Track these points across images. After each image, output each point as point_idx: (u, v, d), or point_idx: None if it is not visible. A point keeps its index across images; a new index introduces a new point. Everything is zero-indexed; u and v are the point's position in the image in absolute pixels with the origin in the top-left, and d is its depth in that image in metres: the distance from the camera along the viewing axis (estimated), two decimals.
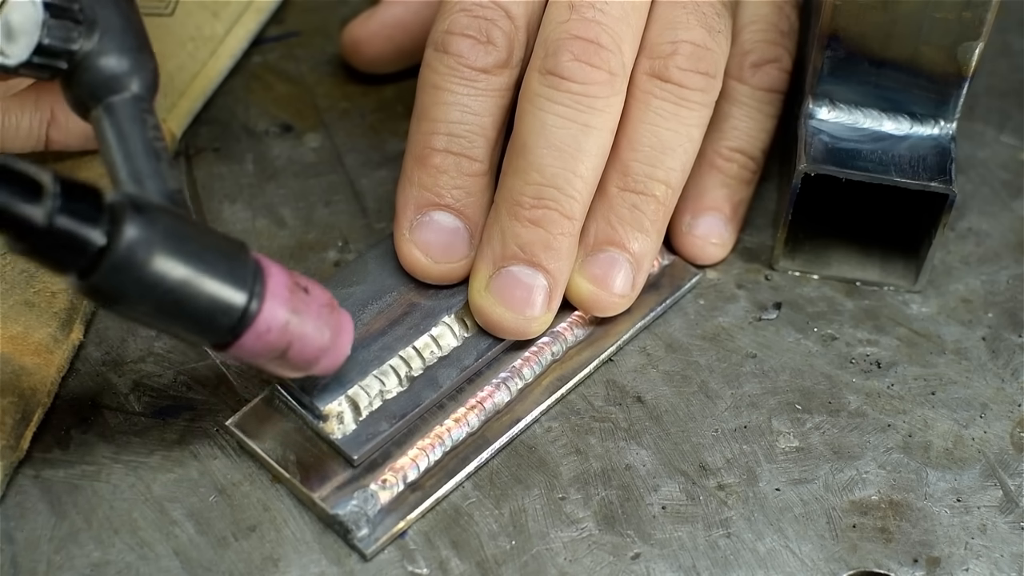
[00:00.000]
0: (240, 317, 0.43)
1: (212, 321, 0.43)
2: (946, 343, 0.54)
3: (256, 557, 0.47)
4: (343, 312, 0.47)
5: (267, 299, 0.44)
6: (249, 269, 0.43)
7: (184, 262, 0.41)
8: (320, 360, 0.46)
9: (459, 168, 0.51)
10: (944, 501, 0.50)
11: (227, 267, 0.43)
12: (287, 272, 0.45)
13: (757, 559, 0.48)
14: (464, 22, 0.51)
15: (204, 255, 0.42)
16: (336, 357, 0.47)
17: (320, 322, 0.45)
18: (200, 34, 0.60)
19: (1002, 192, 0.60)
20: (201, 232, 0.43)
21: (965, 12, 0.50)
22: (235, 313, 0.43)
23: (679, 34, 0.51)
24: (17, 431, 0.48)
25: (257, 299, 0.43)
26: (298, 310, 0.44)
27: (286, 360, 0.45)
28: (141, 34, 0.47)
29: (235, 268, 0.43)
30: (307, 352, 0.45)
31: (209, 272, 0.42)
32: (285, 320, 0.44)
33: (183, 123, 0.58)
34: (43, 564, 0.46)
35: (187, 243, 0.42)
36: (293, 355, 0.45)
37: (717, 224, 0.56)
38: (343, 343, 0.47)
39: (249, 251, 0.44)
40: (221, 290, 0.42)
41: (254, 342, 0.44)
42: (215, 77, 0.60)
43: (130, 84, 0.46)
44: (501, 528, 0.48)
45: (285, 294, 0.44)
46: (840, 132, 0.54)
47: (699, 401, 0.52)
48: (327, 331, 0.46)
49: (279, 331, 0.44)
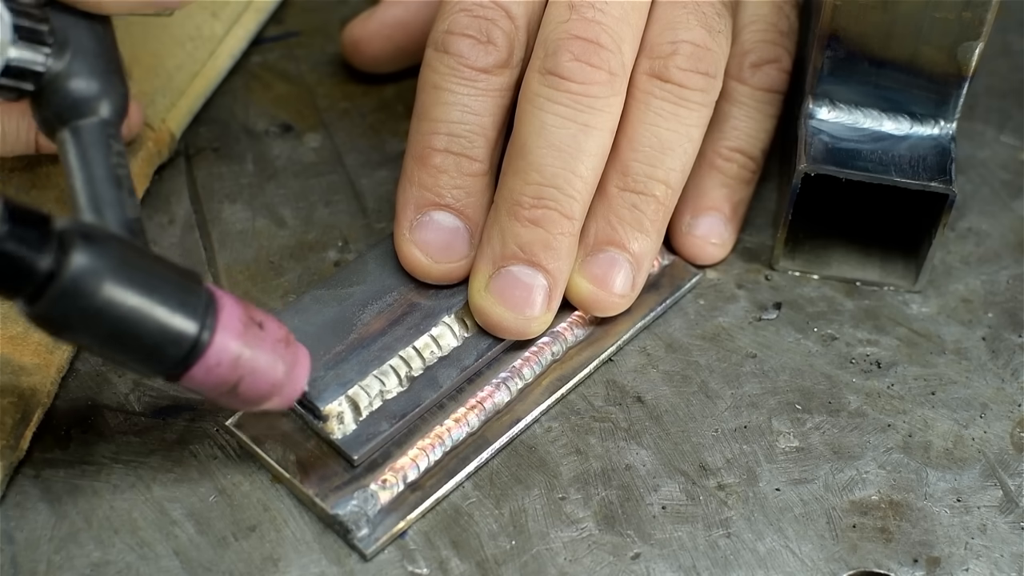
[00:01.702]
0: (190, 349, 0.43)
1: (162, 352, 0.42)
2: (946, 343, 0.54)
3: (256, 557, 0.47)
4: (299, 346, 0.46)
5: (218, 331, 0.43)
6: (202, 300, 0.43)
7: (133, 292, 0.41)
8: (272, 396, 0.45)
9: (459, 168, 0.51)
10: (944, 501, 0.50)
11: (178, 298, 0.42)
12: (242, 305, 0.44)
13: (757, 559, 0.48)
14: (464, 22, 0.51)
15: (155, 286, 0.42)
16: (290, 393, 0.46)
17: (274, 356, 0.44)
18: (199, 34, 0.60)
19: (1002, 192, 0.60)
20: (153, 262, 0.43)
21: (965, 12, 0.50)
22: (185, 344, 0.42)
23: (679, 34, 0.51)
24: (17, 431, 0.48)
25: (208, 331, 0.43)
26: (251, 344, 0.44)
27: (236, 395, 0.44)
28: (113, 58, 0.47)
29: (187, 299, 0.43)
30: (259, 387, 0.44)
31: (159, 303, 0.42)
32: (236, 354, 0.43)
33: (182, 123, 0.58)
34: (43, 564, 0.46)
35: (137, 273, 0.41)
36: (244, 389, 0.44)
37: (717, 224, 0.56)
38: (298, 378, 0.46)
39: (202, 282, 0.44)
40: (171, 320, 0.42)
41: (204, 375, 0.43)
42: (214, 77, 0.60)
43: (98, 108, 0.46)
44: (501, 528, 0.48)
45: (238, 327, 0.44)
46: (840, 132, 0.54)
47: (699, 401, 0.52)
48: (281, 366, 0.45)
49: (230, 364, 0.43)
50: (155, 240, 0.55)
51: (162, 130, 0.57)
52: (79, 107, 0.45)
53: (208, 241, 0.56)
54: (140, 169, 0.56)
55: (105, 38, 0.47)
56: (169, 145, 0.57)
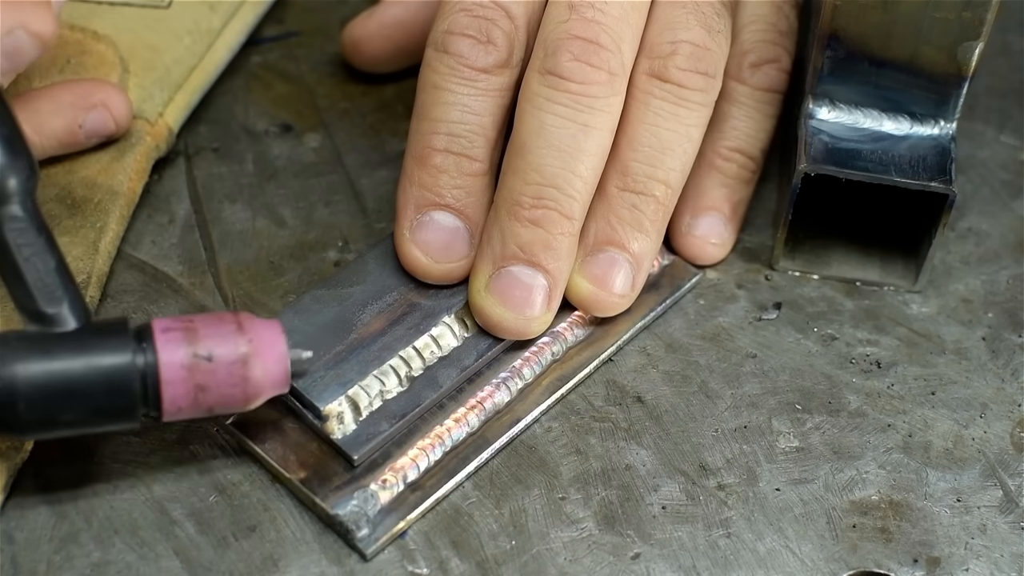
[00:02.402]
0: (142, 381, 0.44)
1: (121, 399, 0.44)
2: (946, 343, 0.54)
3: (256, 557, 0.47)
4: (259, 323, 0.46)
5: (159, 348, 0.44)
6: (129, 337, 0.44)
7: (61, 377, 0.43)
8: (256, 379, 0.45)
9: (459, 168, 0.51)
10: (944, 501, 0.50)
11: (104, 349, 0.44)
12: (179, 319, 0.45)
13: (757, 559, 0.48)
14: (464, 22, 0.51)
15: (77, 356, 0.43)
16: (275, 371, 0.45)
17: (230, 343, 0.45)
18: (197, 28, 0.60)
19: (1002, 192, 0.60)
20: (70, 339, 0.44)
21: (965, 12, 0.50)
22: (133, 379, 0.44)
23: (679, 34, 0.51)
24: None
25: (146, 352, 0.44)
26: (197, 342, 0.44)
27: (223, 397, 0.45)
28: (10, 139, 0.45)
29: (113, 346, 0.44)
30: (234, 377, 0.45)
31: (88, 365, 0.43)
32: (186, 358, 0.44)
33: (180, 117, 0.58)
34: (43, 564, 0.46)
35: (57, 358, 0.43)
36: (222, 387, 0.45)
37: (717, 224, 0.56)
38: (272, 353, 0.45)
39: (127, 323, 0.45)
40: (106, 366, 0.43)
41: (175, 394, 0.44)
42: (212, 71, 0.60)
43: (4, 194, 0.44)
44: (501, 528, 0.48)
45: (176, 336, 0.44)
46: (840, 132, 0.54)
47: (699, 401, 0.52)
48: (243, 347, 0.45)
49: (187, 370, 0.44)
50: (155, 240, 0.55)
51: (160, 125, 0.57)
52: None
53: (208, 241, 0.56)
54: (138, 164, 0.56)
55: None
56: (167, 140, 0.57)
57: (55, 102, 0.54)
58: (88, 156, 0.55)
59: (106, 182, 0.54)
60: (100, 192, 0.54)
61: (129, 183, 0.55)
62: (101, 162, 0.55)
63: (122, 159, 0.55)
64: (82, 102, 0.54)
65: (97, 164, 0.55)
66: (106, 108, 0.54)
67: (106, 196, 0.54)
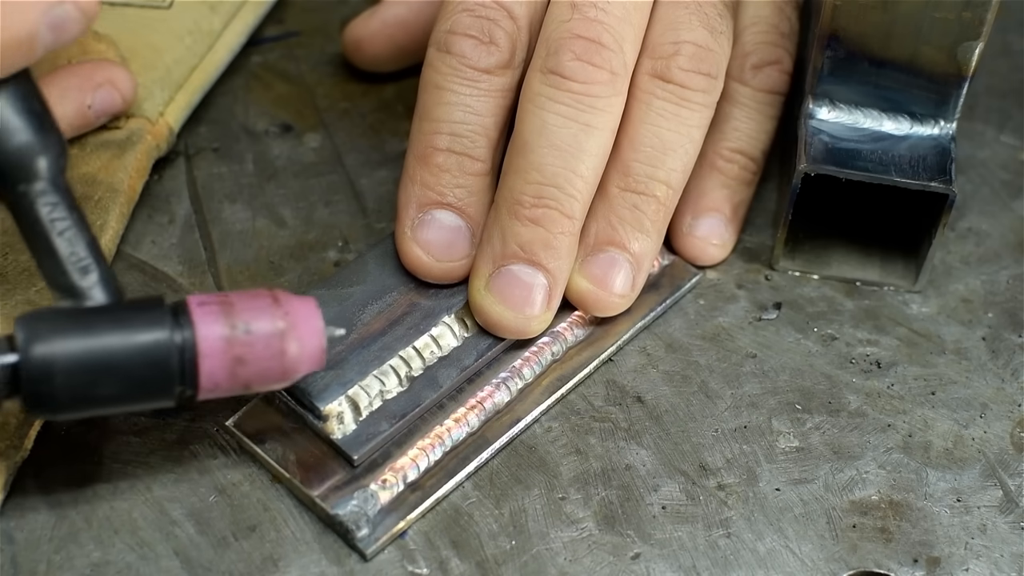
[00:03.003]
0: (180, 357, 0.43)
1: (159, 374, 0.43)
2: (946, 343, 0.54)
3: (256, 557, 0.47)
4: (294, 299, 0.45)
5: (197, 324, 0.44)
6: (166, 313, 0.44)
7: (96, 349, 0.43)
8: (292, 356, 0.45)
9: (461, 167, 0.51)
10: (944, 501, 0.50)
11: (141, 326, 0.43)
12: (213, 295, 0.45)
13: (757, 559, 0.48)
14: (467, 22, 0.51)
15: (114, 332, 0.43)
16: (312, 346, 0.45)
17: (268, 318, 0.44)
18: (198, 28, 0.60)
19: (1002, 192, 0.60)
20: (106, 314, 0.44)
21: (965, 12, 0.50)
22: (172, 355, 0.43)
23: (681, 34, 0.51)
24: (21, 431, 0.47)
25: (185, 329, 0.44)
26: (235, 319, 0.44)
27: (260, 375, 0.45)
28: (41, 116, 0.45)
29: (150, 322, 0.43)
30: (273, 354, 0.44)
31: (125, 339, 0.43)
32: (225, 333, 0.44)
33: (181, 117, 0.58)
34: (43, 564, 0.46)
35: (93, 333, 0.43)
36: (258, 364, 0.44)
37: (718, 225, 0.56)
38: (309, 329, 0.45)
39: (163, 299, 0.44)
40: (144, 342, 0.43)
41: (212, 371, 0.44)
42: (213, 71, 0.60)
43: (36, 171, 0.44)
44: (501, 528, 0.48)
45: (214, 311, 0.44)
46: (840, 132, 0.54)
47: (699, 401, 0.52)
48: (280, 323, 0.44)
49: (225, 346, 0.44)
50: (155, 240, 0.55)
51: (160, 124, 0.57)
52: (16, 174, 0.44)
53: (208, 241, 0.56)
54: (139, 163, 0.56)
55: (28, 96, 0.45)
56: (167, 139, 0.57)
57: (61, 86, 0.54)
58: (89, 154, 0.55)
59: (106, 180, 0.54)
60: (100, 190, 0.54)
61: (129, 181, 0.55)
62: (102, 159, 0.55)
63: (123, 157, 0.55)
64: (87, 83, 0.54)
65: (98, 161, 0.55)
66: (112, 85, 0.55)
67: (106, 194, 0.54)
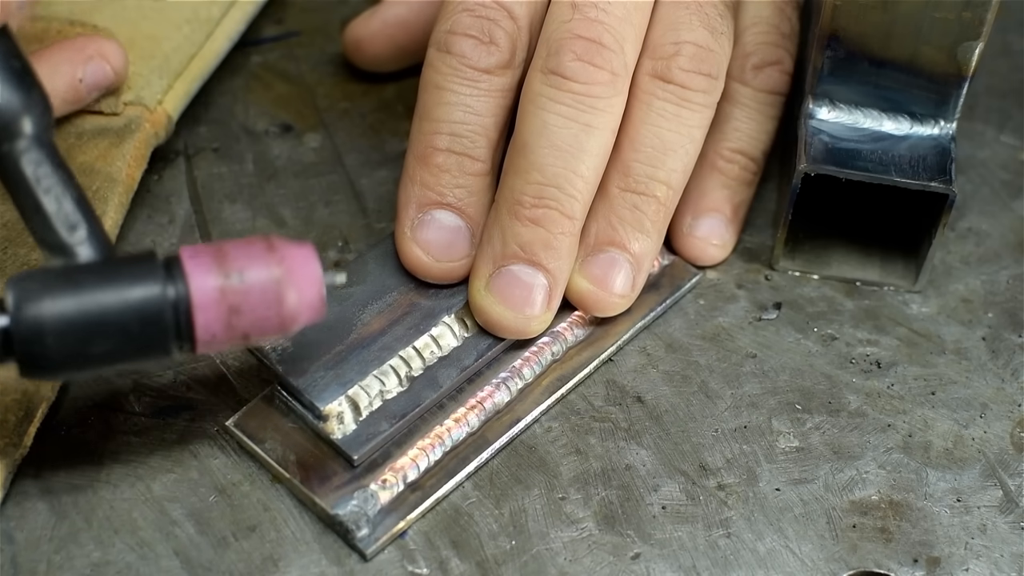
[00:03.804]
0: (174, 309, 0.43)
1: (153, 327, 0.43)
2: (946, 343, 0.54)
3: (256, 557, 0.47)
4: (289, 245, 0.45)
5: (190, 276, 0.43)
6: (158, 267, 0.43)
7: (90, 309, 0.42)
8: (292, 304, 0.44)
9: (461, 167, 0.51)
10: (944, 501, 0.50)
11: (132, 280, 0.43)
12: (206, 244, 0.44)
13: (757, 559, 0.48)
14: (467, 22, 0.51)
15: (106, 288, 0.43)
16: (310, 294, 0.44)
17: (261, 265, 0.44)
18: (196, 16, 0.60)
19: (1002, 192, 0.60)
20: (97, 270, 0.43)
21: (965, 12, 0.50)
22: (166, 308, 0.43)
23: (682, 35, 0.51)
24: (20, 428, 0.47)
25: (177, 282, 0.43)
26: (228, 268, 0.43)
27: (258, 325, 0.44)
28: (22, 73, 0.44)
29: (142, 276, 0.43)
30: (269, 302, 0.44)
31: (117, 294, 0.42)
32: (218, 284, 0.43)
33: (180, 105, 0.58)
34: (43, 564, 0.46)
35: (85, 291, 0.42)
36: (256, 312, 0.43)
37: (718, 225, 0.56)
38: (306, 274, 0.44)
39: (154, 253, 0.44)
40: (136, 297, 0.43)
41: (208, 323, 0.43)
42: (212, 60, 0.60)
43: (20, 129, 0.44)
44: (501, 528, 0.48)
45: (206, 262, 0.43)
46: (840, 132, 0.54)
47: (699, 401, 0.52)
48: (275, 270, 0.44)
49: (219, 297, 0.43)
50: (155, 240, 0.55)
51: (159, 112, 0.57)
52: (3, 130, 0.44)
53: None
54: (137, 151, 0.55)
55: (5, 48, 0.45)
56: (166, 127, 0.57)
57: (51, 62, 0.53)
58: (86, 142, 0.55)
59: (105, 169, 0.54)
60: (99, 179, 0.54)
61: (128, 170, 0.55)
62: (99, 148, 0.55)
63: (121, 145, 0.55)
64: (78, 56, 0.54)
65: (95, 150, 0.55)
66: (102, 58, 0.54)
67: (105, 183, 0.54)
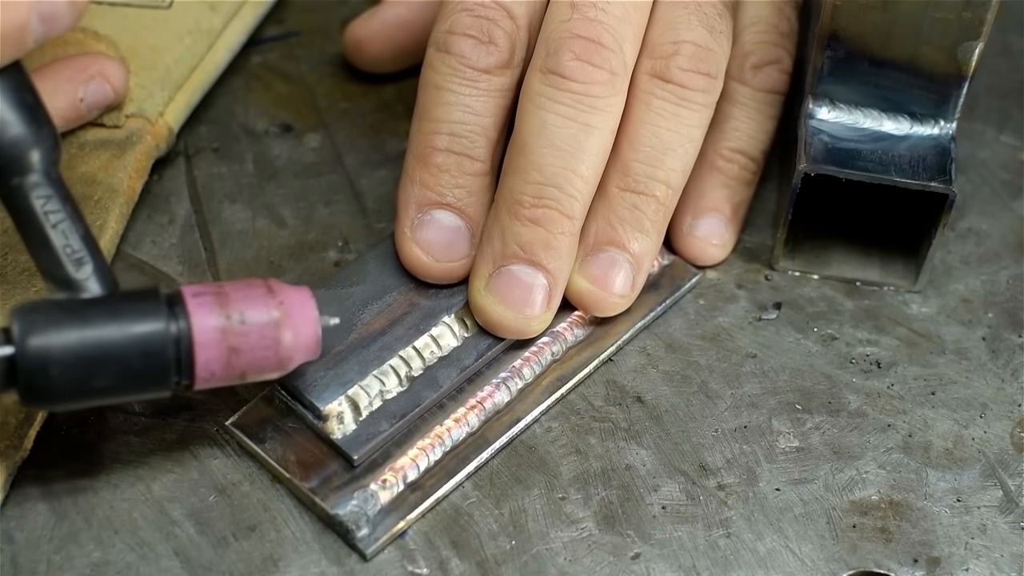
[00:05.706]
0: (176, 346, 0.44)
1: (155, 364, 0.44)
2: (946, 343, 0.54)
3: (256, 557, 0.47)
4: (288, 289, 0.46)
5: (193, 314, 0.44)
6: (162, 304, 0.44)
7: (92, 341, 0.43)
8: (288, 344, 0.45)
9: (461, 167, 0.51)
10: (944, 501, 0.50)
11: (136, 317, 0.44)
12: (208, 285, 0.45)
13: (757, 559, 0.48)
14: (466, 22, 0.51)
15: (110, 323, 0.43)
16: (306, 335, 0.46)
17: (259, 305, 0.45)
18: (198, 28, 0.60)
19: (1002, 192, 0.60)
20: (101, 305, 0.44)
21: (965, 12, 0.50)
22: (168, 345, 0.44)
23: (681, 34, 0.51)
24: (21, 431, 0.47)
25: (180, 319, 0.44)
26: (229, 307, 0.44)
27: (254, 364, 0.45)
28: (33, 108, 0.45)
29: (146, 312, 0.44)
30: (267, 343, 0.45)
31: (121, 330, 0.43)
32: (220, 323, 0.44)
33: (180, 117, 0.58)
34: (43, 564, 0.46)
35: (89, 325, 0.43)
36: (253, 352, 0.45)
37: (718, 225, 0.56)
38: (303, 318, 0.46)
39: (158, 289, 0.45)
40: (143, 337, 0.43)
41: (208, 360, 0.44)
42: (213, 71, 0.60)
43: (30, 164, 0.44)
44: (501, 528, 0.48)
45: (209, 302, 0.44)
46: (840, 132, 0.54)
47: (699, 401, 0.52)
48: (274, 312, 0.45)
49: (221, 331, 0.44)
50: (155, 240, 0.55)
51: (160, 124, 0.57)
52: (9, 168, 0.44)
53: (208, 241, 0.56)
54: (138, 163, 0.56)
55: (19, 89, 0.45)
56: (167, 139, 0.57)
57: (53, 80, 0.54)
58: (88, 154, 0.55)
59: (106, 180, 0.54)
60: (100, 190, 0.54)
61: (129, 181, 0.55)
62: (101, 159, 0.55)
63: (122, 157, 0.55)
64: (79, 76, 0.54)
65: (97, 161, 0.55)
66: (103, 78, 0.54)
67: (106, 194, 0.54)
